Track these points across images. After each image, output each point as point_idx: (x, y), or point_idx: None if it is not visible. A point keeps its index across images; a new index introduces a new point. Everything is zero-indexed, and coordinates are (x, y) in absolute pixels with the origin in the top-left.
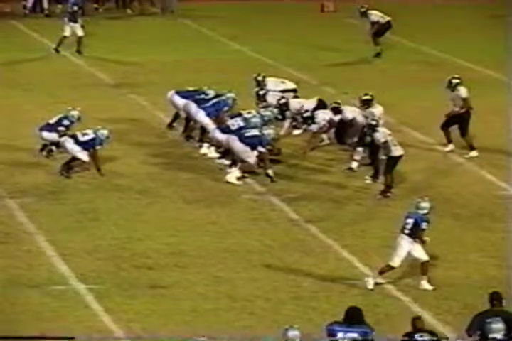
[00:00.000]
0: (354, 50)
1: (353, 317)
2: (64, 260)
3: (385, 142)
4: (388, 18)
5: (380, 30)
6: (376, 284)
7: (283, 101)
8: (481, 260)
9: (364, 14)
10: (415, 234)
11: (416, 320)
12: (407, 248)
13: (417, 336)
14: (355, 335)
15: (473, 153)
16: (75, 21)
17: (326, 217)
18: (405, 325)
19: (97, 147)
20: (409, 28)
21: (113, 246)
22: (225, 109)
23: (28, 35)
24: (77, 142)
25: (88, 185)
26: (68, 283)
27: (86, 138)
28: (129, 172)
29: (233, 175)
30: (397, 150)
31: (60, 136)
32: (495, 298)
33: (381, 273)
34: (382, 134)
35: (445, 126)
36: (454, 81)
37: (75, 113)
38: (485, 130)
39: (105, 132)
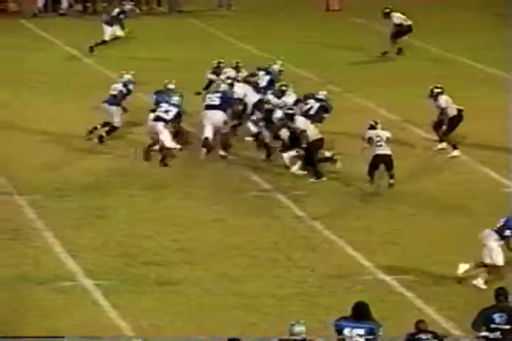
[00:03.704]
0: (359, 49)
1: (361, 313)
2: (72, 256)
3: (304, 131)
4: (410, 22)
5: (399, 32)
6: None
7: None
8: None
9: (387, 15)
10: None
11: (419, 323)
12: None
13: (420, 335)
14: (362, 331)
15: (456, 152)
16: (112, 25)
17: (331, 213)
18: (409, 321)
19: None
20: (417, 27)
21: (121, 242)
22: None
23: (37, 34)
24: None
25: (96, 182)
26: (76, 279)
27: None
28: (136, 170)
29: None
30: (380, 150)
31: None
32: (500, 293)
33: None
34: (301, 123)
35: (437, 127)
36: (436, 90)
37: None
38: (489, 128)
39: None
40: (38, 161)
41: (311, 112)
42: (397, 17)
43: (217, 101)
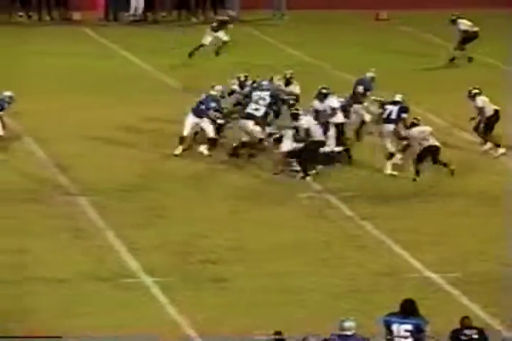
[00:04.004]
0: (407, 55)
1: (408, 309)
2: (133, 255)
3: (307, 129)
4: (476, 28)
5: (466, 39)
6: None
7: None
8: None
9: (454, 22)
10: None
11: (465, 319)
12: None
13: (465, 331)
14: (409, 326)
15: (502, 150)
16: (217, 31)
17: (379, 214)
18: (455, 317)
19: None
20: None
21: (179, 241)
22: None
23: (98, 41)
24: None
25: (155, 184)
26: (137, 277)
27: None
28: (193, 173)
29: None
30: (428, 142)
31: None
32: None
33: None
34: (305, 121)
35: (477, 128)
36: (474, 91)
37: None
38: None
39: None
40: (100, 162)
41: (393, 116)
42: (463, 23)
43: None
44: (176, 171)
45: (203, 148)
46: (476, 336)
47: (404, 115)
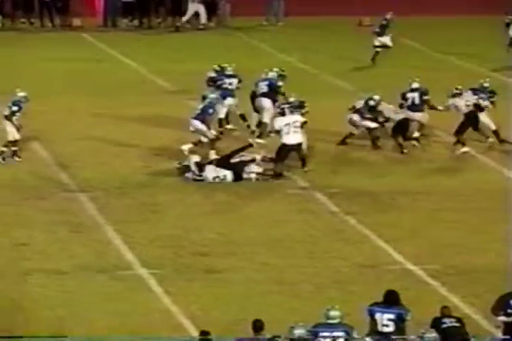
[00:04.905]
0: (388, 60)
1: (391, 299)
2: (129, 248)
3: (278, 131)
4: None
5: None
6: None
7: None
8: (503, 248)
9: (508, 26)
10: None
11: (444, 308)
12: None
13: (444, 319)
14: (391, 316)
15: (465, 149)
16: (382, 35)
17: (363, 209)
18: (434, 307)
19: None
20: (436, 40)
21: (173, 235)
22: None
23: (97, 46)
24: None
25: (150, 181)
26: (133, 269)
27: None
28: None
29: None
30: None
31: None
32: None
33: None
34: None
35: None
36: (455, 91)
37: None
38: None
39: None
40: (99, 161)
41: (416, 102)
42: None
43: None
44: (169, 169)
45: (187, 146)
46: (455, 324)
47: (426, 97)
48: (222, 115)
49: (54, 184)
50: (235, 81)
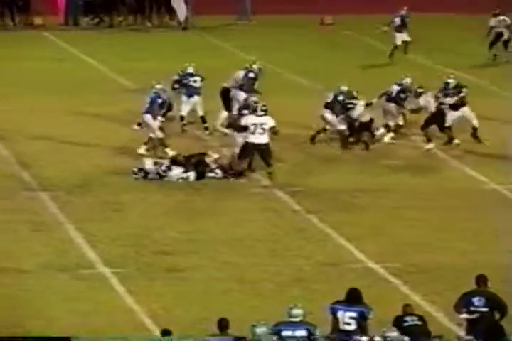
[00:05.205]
0: (351, 58)
1: (353, 298)
2: (92, 247)
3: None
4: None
5: None
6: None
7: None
8: (464, 246)
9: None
10: None
11: (406, 306)
12: None
13: (406, 318)
14: (353, 314)
15: (431, 145)
16: (401, 31)
17: (325, 208)
18: (396, 305)
19: None
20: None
21: (135, 234)
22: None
23: (58, 45)
24: None
25: (112, 180)
26: (95, 267)
27: None
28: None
29: None
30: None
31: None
32: (481, 279)
33: None
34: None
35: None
36: (419, 90)
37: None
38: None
39: None
40: (61, 159)
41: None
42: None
43: None
44: (131, 167)
45: (142, 150)
46: (417, 322)
47: (403, 95)
48: (184, 113)
49: (16, 183)
50: (198, 79)
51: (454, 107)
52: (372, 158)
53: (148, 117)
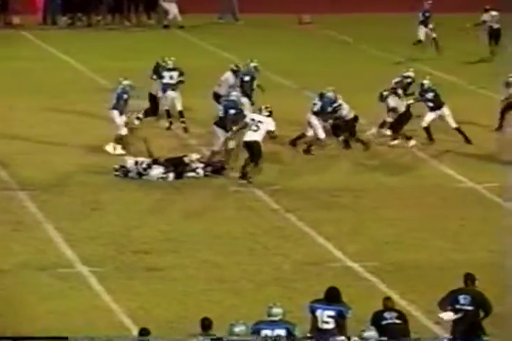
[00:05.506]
0: (330, 57)
1: (332, 296)
2: (70, 246)
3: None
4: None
5: None
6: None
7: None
8: (442, 245)
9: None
10: None
11: (386, 300)
12: None
13: (385, 314)
14: (332, 312)
15: (413, 142)
16: (426, 26)
17: (303, 207)
18: (375, 304)
19: None
20: (380, 38)
21: (113, 233)
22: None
23: (37, 44)
24: None
25: (91, 179)
26: (74, 267)
27: None
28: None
29: None
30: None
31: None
32: (469, 278)
33: None
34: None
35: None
36: (384, 93)
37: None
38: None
39: None
40: (39, 159)
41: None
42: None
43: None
44: (109, 166)
45: (110, 147)
46: (396, 320)
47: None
48: (167, 107)
49: None
50: (175, 74)
51: (433, 108)
52: (348, 158)
53: (114, 113)
